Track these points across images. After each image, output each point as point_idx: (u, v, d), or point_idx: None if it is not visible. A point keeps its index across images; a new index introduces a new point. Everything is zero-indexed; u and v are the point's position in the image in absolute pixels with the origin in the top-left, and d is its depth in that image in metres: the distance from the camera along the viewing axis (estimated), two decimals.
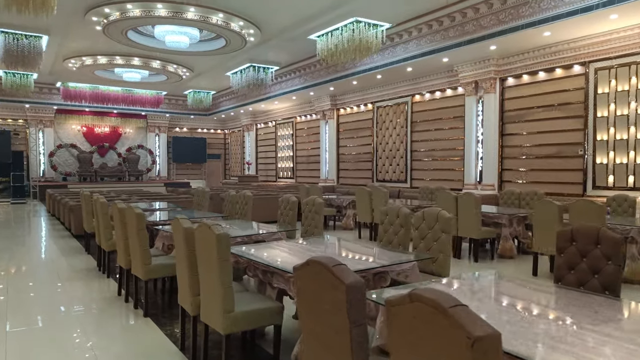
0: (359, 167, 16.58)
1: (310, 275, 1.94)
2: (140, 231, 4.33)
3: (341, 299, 1.77)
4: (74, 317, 4.43)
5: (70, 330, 4.11)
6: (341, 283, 1.76)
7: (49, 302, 4.98)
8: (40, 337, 3.95)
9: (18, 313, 4.56)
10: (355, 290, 1.75)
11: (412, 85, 14.24)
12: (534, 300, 2.62)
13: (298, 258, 3.62)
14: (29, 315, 4.48)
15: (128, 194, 12.42)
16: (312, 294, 1.95)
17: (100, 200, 5.83)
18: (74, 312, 4.59)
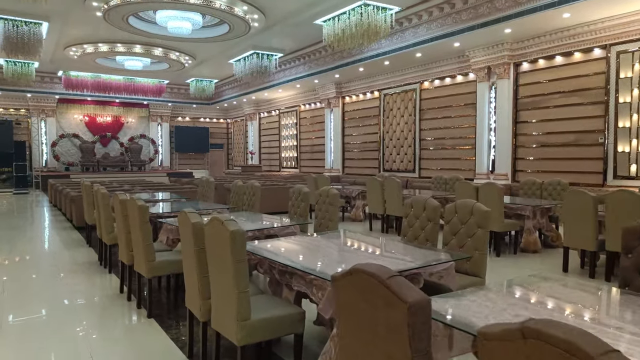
0: (365, 156, 16.13)
1: (356, 288, 1.52)
2: (143, 225, 3.92)
3: (400, 322, 1.36)
4: (74, 316, 4.04)
5: (69, 331, 3.72)
6: (400, 301, 1.35)
7: (46, 300, 4.59)
8: (36, 340, 3.57)
9: (15, 309, 4.18)
10: (420, 311, 1.34)
11: (420, 71, 13.74)
12: (617, 314, 2.21)
13: (321, 257, 3.21)
14: (26, 311, 4.10)
15: (130, 184, 12.01)
16: (358, 313, 1.53)
17: (101, 191, 5.42)
18: (74, 311, 4.20)
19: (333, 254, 3.23)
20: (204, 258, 2.87)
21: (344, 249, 3.52)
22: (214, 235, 2.67)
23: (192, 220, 2.87)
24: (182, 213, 3.03)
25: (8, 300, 4.55)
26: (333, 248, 3.50)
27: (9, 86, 18.75)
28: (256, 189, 6.38)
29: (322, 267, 2.80)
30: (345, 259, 3.08)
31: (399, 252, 3.32)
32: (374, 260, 2.98)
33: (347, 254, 3.25)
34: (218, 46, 15.09)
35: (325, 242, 3.73)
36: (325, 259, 3.07)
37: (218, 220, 2.60)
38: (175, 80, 20.89)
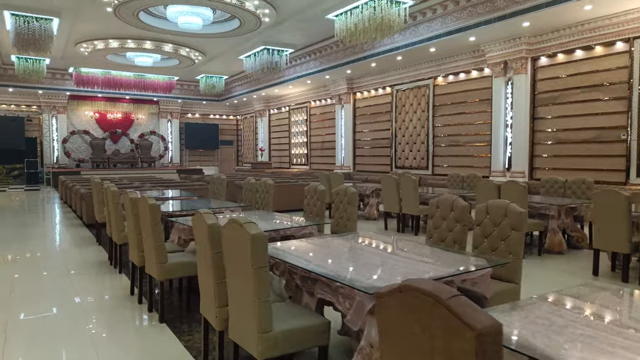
0: (377, 153, 15.86)
1: (406, 308, 1.29)
2: (155, 225, 3.71)
3: (464, 351, 1.13)
4: (82, 319, 3.85)
5: (77, 335, 3.53)
6: (466, 327, 1.12)
7: (54, 301, 4.41)
8: (43, 343, 3.38)
9: (24, 309, 4.00)
10: (491, 339, 1.10)
11: (434, 66, 13.43)
12: None
13: (345, 262, 2.97)
14: (34, 312, 3.92)
15: (141, 181, 11.85)
16: (408, 337, 1.30)
17: (111, 189, 5.23)
18: (82, 314, 4.01)
19: (358, 259, 2.99)
20: (221, 263, 2.65)
21: (368, 252, 3.28)
22: (232, 238, 2.44)
23: (208, 222, 2.65)
24: (197, 214, 2.81)
25: (16, 299, 4.37)
26: (357, 251, 3.26)
27: (20, 83, 18.70)
28: (270, 186, 6.16)
29: (351, 274, 2.56)
30: (373, 264, 2.84)
31: (429, 256, 3.08)
32: (404, 266, 2.74)
33: (374, 259, 3.01)
34: (228, 42, 14.88)
35: (347, 244, 3.50)
36: (350, 264, 2.84)
37: (237, 222, 2.37)
38: (185, 77, 20.73)
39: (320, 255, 3.13)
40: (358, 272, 2.62)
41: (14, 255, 6.38)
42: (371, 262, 2.88)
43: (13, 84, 18.73)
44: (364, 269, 2.69)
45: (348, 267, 2.76)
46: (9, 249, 6.79)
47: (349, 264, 2.84)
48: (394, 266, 2.74)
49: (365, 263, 2.85)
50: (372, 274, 2.55)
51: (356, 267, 2.74)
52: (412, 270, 2.64)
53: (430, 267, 2.74)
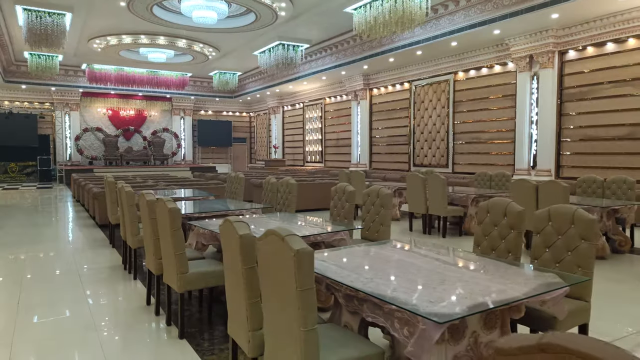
0: (394, 150, 15.43)
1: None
2: (175, 232, 3.36)
3: None
4: (93, 333, 3.51)
5: (87, 351, 3.20)
6: None
7: (64, 311, 4.09)
8: (50, 357, 3.05)
9: (30, 318, 3.69)
10: None
11: (455, 61, 12.96)
12: None
13: (394, 276, 2.56)
14: (43, 321, 3.60)
15: (154, 179, 11.57)
16: None
17: (125, 189, 4.89)
18: (93, 326, 3.67)
19: (410, 273, 2.59)
20: (255, 279, 2.28)
21: (420, 265, 2.89)
22: (270, 253, 2.07)
23: (240, 232, 2.28)
24: (226, 222, 2.44)
25: (23, 308, 4.06)
26: (405, 264, 2.86)
27: (33, 80, 18.55)
28: (292, 186, 5.79)
29: (409, 295, 2.17)
30: (430, 281, 2.45)
31: (490, 270, 2.67)
32: (467, 283, 2.35)
33: (429, 274, 2.61)
34: (243, 37, 14.53)
35: (391, 254, 3.11)
36: (404, 281, 2.44)
37: (277, 235, 2.00)
38: (198, 73, 20.44)
39: (365, 268, 2.75)
40: (417, 292, 2.23)
41: (22, 259, 6.08)
42: (428, 278, 2.49)
43: (26, 81, 18.57)
44: (422, 288, 2.30)
45: (402, 284, 2.36)
46: (17, 252, 6.50)
47: (402, 280, 2.45)
48: (455, 284, 2.35)
49: (421, 280, 2.46)
50: (433, 294, 2.16)
51: (411, 284, 2.35)
52: (480, 289, 2.25)
53: (498, 285, 2.34)
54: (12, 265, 5.72)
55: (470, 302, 2.05)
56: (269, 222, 4.34)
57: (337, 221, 4.81)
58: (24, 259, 6.01)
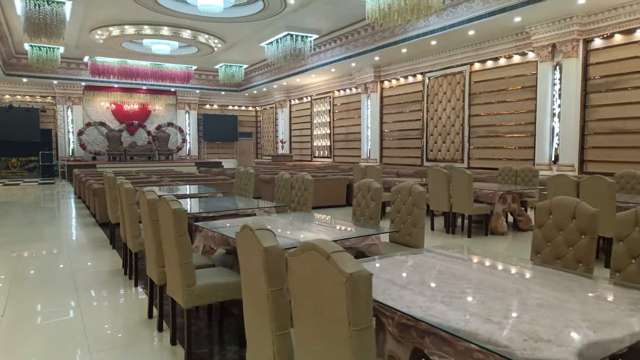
0: (406, 145, 14.86)
1: None
2: (180, 237, 2.83)
3: None
4: (84, 352, 3.00)
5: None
6: None
7: (55, 323, 3.58)
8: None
9: (15, 334, 3.19)
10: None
11: (471, 51, 12.36)
12: None
13: (471, 301, 2.01)
14: (27, 337, 3.10)
15: (159, 175, 11.06)
16: None
17: (125, 186, 4.37)
18: (85, 344, 3.16)
19: (482, 295, 2.04)
20: (285, 305, 1.76)
21: (485, 281, 2.34)
22: (309, 275, 1.54)
23: (265, 245, 1.75)
24: (245, 231, 1.90)
25: (6, 318, 3.55)
26: (468, 279, 2.31)
27: (34, 73, 18.07)
28: (308, 183, 5.25)
29: (498, 330, 1.62)
30: (516, 308, 1.91)
31: (580, 288, 2.11)
32: (566, 312, 1.80)
33: (507, 297, 2.06)
34: (249, 27, 13.97)
35: (441, 264, 2.56)
36: (483, 308, 1.88)
37: (318, 251, 1.46)
38: (204, 66, 19.90)
39: (420, 286, 2.19)
40: (506, 325, 1.68)
41: (13, 260, 5.58)
42: (507, 301, 1.94)
43: (27, 74, 18.09)
44: (512, 318, 1.75)
45: (481, 313, 1.81)
46: (9, 252, 6.00)
47: (479, 306, 1.90)
48: (553, 313, 1.79)
49: (501, 304, 1.91)
50: (529, 329, 1.61)
51: (491, 311, 1.80)
52: (590, 318, 1.70)
53: (608, 313, 1.79)
54: (2, 265, 5.22)
55: (587, 341, 1.51)
56: (289, 224, 3.81)
57: (361, 222, 4.28)
58: (15, 260, 5.51)
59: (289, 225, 3.82)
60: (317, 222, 4.03)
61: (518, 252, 6.09)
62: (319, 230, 3.61)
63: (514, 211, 6.98)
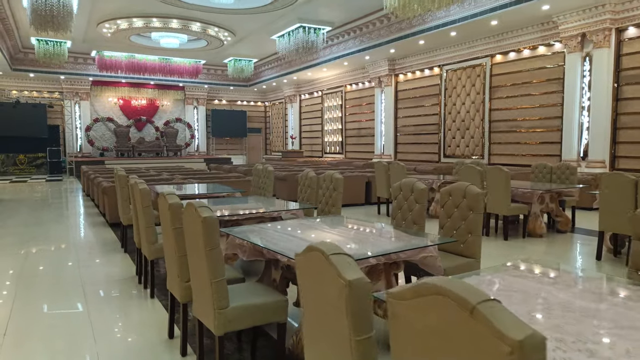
0: (422, 140, 14.33)
1: None
2: (212, 251, 2.35)
3: None
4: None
5: None
6: None
7: (56, 346, 3.13)
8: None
9: (16, 353, 2.75)
10: None
11: (492, 42, 11.79)
12: None
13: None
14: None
15: (169, 172, 10.61)
16: None
17: (139, 186, 3.90)
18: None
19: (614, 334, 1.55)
20: (373, 355, 1.27)
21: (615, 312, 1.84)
22: (435, 329, 1.05)
23: (348, 277, 1.26)
24: (314, 253, 1.42)
25: (10, 338, 3.10)
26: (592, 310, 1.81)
27: (41, 68, 17.65)
28: (338, 182, 4.76)
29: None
30: None
31: None
32: None
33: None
34: (260, 19, 13.47)
35: (546, 289, 2.07)
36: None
37: (447, 294, 0.98)
38: (212, 61, 19.40)
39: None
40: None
41: (16, 264, 5.14)
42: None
43: (34, 69, 17.68)
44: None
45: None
46: (12, 255, 5.57)
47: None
48: None
49: None
50: None
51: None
52: None
53: None
54: (4, 273, 4.78)
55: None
56: (328, 232, 3.33)
57: (403, 226, 3.79)
58: (20, 262, 5.07)
59: (330, 233, 3.34)
60: (359, 229, 3.54)
61: (559, 255, 5.59)
62: (367, 240, 3.13)
63: (552, 211, 6.47)
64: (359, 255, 2.49)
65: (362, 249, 2.77)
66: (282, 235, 3.17)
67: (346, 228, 3.55)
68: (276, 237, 3.11)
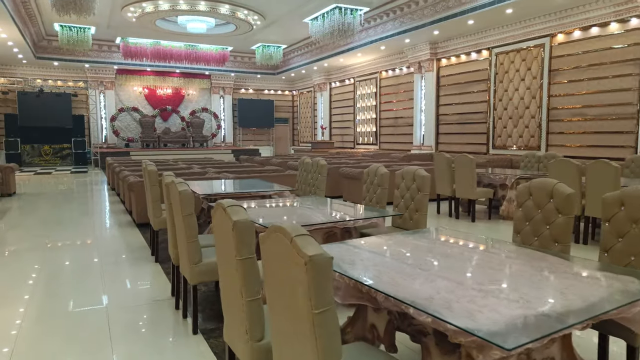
0: (467, 130, 13.10)
1: None
2: (325, 313, 1.33)
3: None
4: None
5: None
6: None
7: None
8: None
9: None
10: None
11: (553, 20, 10.46)
12: None
13: None
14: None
15: (199, 164, 9.69)
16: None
17: (179, 188, 2.90)
18: None
19: None
20: None
21: None
22: None
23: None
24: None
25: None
26: None
27: (65, 56, 16.95)
28: (423, 180, 3.70)
29: None
30: None
31: None
32: None
33: None
34: (293, 1, 12.42)
35: None
36: None
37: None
38: (239, 47, 18.41)
39: None
40: None
41: (29, 275, 4.24)
42: None
43: (58, 57, 16.97)
44: None
45: None
46: (25, 265, 4.68)
47: None
48: None
49: None
50: None
51: None
52: None
53: None
54: (12, 290, 3.88)
55: None
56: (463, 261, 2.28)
57: (537, 244, 2.71)
58: (33, 275, 4.18)
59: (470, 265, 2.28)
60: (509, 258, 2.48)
61: None
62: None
63: None
64: None
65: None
66: (387, 261, 2.13)
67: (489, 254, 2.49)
68: (381, 264, 2.08)
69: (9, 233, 6.23)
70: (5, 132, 17.27)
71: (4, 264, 4.71)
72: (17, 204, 8.70)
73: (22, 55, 15.85)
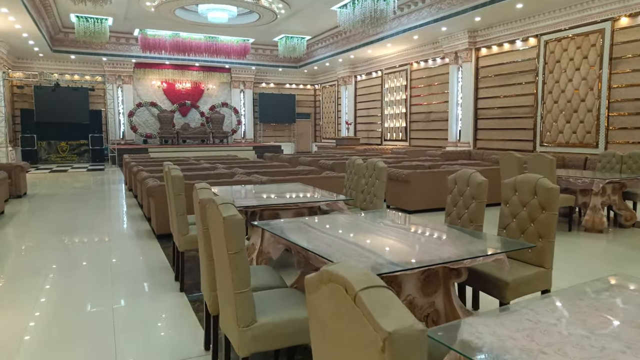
0: (510, 125, 11.92)
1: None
2: None
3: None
4: None
5: None
6: None
7: None
8: None
9: None
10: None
11: (616, 2, 9.24)
12: None
13: None
14: None
15: (224, 164, 8.74)
16: None
17: (223, 213, 1.91)
18: None
19: None
20: None
21: None
22: None
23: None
24: None
25: None
26: None
27: (82, 49, 16.16)
28: (550, 195, 2.65)
29: None
30: None
31: None
32: None
33: None
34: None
35: None
36: None
37: None
38: (261, 39, 17.41)
39: None
40: None
41: (32, 299, 3.32)
42: None
43: (75, 50, 16.19)
44: None
45: None
46: (29, 287, 3.76)
47: None
48: None
49: None
50: None
51: None
52: None
53: None
54: (10, 320, 2.96)
55: None
56: None
57: None
58: (35, 298, 3.27)
59: None
60: None
61: None
62: None
63: None
64: None
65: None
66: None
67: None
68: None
69: (9, 245, 5.35)
70: (22, 128, 16.58)
71: (14, 272, 3.80)
72: (26, 207, 7.87)
73: (38, 48, 15.11)
